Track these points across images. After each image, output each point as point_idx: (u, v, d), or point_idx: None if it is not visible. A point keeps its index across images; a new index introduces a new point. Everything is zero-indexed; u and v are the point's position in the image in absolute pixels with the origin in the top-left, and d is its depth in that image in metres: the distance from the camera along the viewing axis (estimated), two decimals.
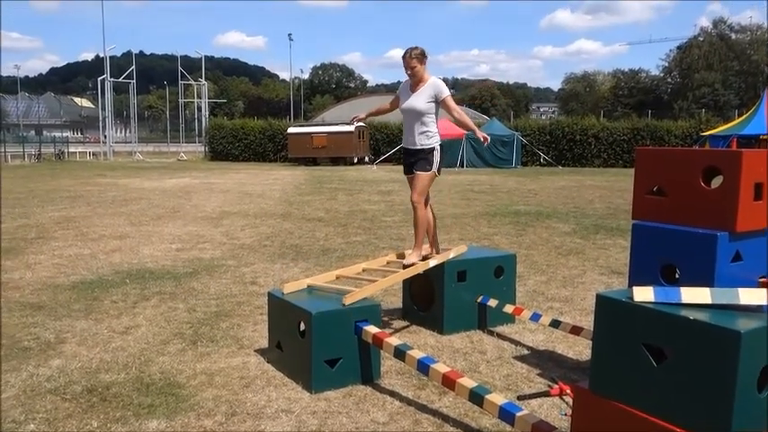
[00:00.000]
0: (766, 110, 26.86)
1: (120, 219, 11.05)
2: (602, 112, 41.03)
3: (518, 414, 2.97)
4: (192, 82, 45.93)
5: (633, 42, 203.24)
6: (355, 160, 31.73)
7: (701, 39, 60.54)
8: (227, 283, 6.35)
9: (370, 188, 17.56)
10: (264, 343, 4.41)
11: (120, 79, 42.14)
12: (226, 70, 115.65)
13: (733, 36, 60.18)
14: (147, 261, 7.42)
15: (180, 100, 44.89)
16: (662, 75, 65.10)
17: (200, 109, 44.56)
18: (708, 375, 2.16)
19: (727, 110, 38.49)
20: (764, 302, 2.30)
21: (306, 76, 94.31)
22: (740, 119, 28.59)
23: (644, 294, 2.39)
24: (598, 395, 2.52)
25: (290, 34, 57.76)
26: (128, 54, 52.29)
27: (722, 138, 26.80)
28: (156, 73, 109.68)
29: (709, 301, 2.34)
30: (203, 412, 3.40)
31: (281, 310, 4.06)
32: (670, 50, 64.69)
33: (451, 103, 4.72)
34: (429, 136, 4.70)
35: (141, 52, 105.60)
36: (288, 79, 78.00)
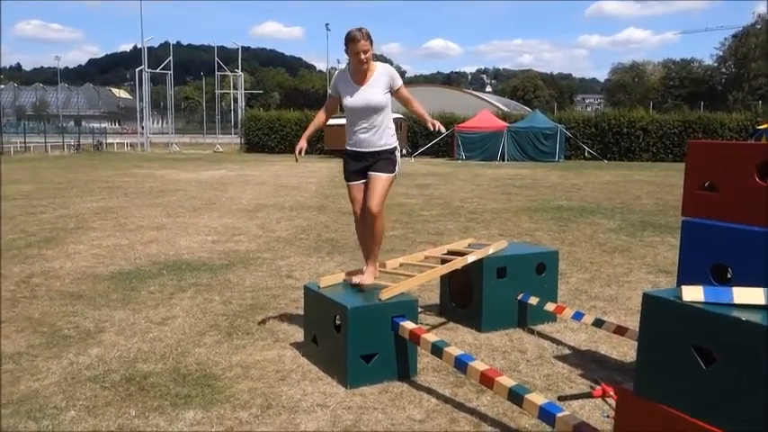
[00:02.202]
0: None
1: (157, 210, 11.20)
2: (652, 103, 40.01)
3: (558, 415, 2.88)
4: (229, 73, 46.43)
5: (687, 31, 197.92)
6: None
7: (759, 27, 58.20)
8: (262, 275, 6.36)
9: (407, 181, 17.47)
10: (300, 336, 4.39)
11: (157, 70, 42.83)
12: (262, 61, 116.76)
13: None
14: (183, 252, 7.49)
15: (216, 91, 45.45)
16: (716, 64, 62.91)
17: (236, 100, 45.02)
18: (758, 379, 2.04)
19: None
20: None
21: (343, 65, 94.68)
22: None
23: (693, 294, 2.28)
24: (643, 397, 2.42)
25: (327, 24, 57.54)
26: (165, 45, 53.16)
27: None
28: (193, 64, 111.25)
29: (763, 302, 2.22)
30: (239, 404, 3.40)
31: (316, 304, 4.03)
32: (725, 39, 62.37)
33: (407, 92, 4.20)
34: (391, 134, 4.17)
35: (178, 43, 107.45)
36: (325, 70, 78.22)
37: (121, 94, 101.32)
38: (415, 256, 4.85)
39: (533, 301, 4.64)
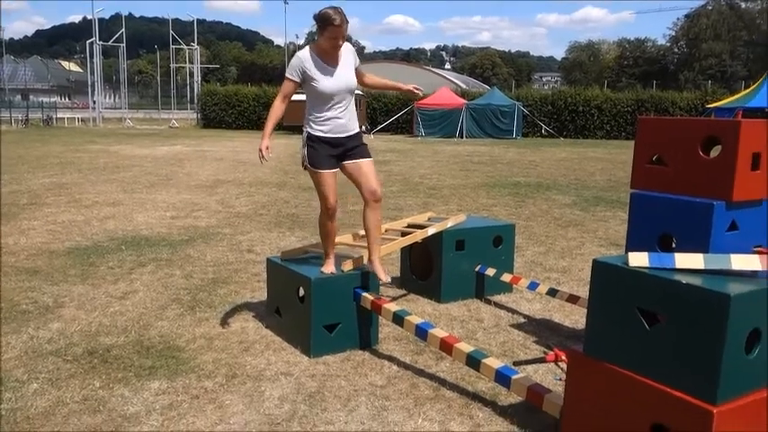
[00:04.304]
0: None
1: (113, 186, 11.00)
2: (606, 82, 40.70)
3: (514, 377, 3.03)
4: (184, 46, 45.25)
5: (641, 11, 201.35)
6: None
7: (710, 8, 59.45)
8: (223, 250, 6.37)
9: None
10: (262, 309, 4.45)
11: (108, 43, 41.47)
12: (218, 35, 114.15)
13: (743, 5, 59.20)
14: (141, 228, 7.42)
15: (171, 65, 44.22)
16: (668, 44, 64.15)
17: (191, 75, 44.03)
18: (698, 337, 2.21)
19: (734, 81, 38.15)
20: (757, 268, 2.34)
21: (301, 41, 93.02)
22: (746, 91, 28.45)
23: (639, 260, 2.44)
24: (592, 358, 2.57)
25: None
26: (116, 17, 51.43)
27: (728, 110, 26.65)
28: (146, 37, 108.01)
29: (702, 266, 2.38)
30: (204, 374, 3.45)
31: (279, 276, 4.09)
32: (678, 19, 63.63)
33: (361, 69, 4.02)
34: (357, 116, 4.08)
35: (130, 15, 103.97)
36: (282, 45, 76.95)
37: (71, 67, 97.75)
38: None
39: (490, 272, 4.79)
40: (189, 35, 45.23)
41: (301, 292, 3.85)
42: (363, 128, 32.18)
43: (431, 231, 4.58)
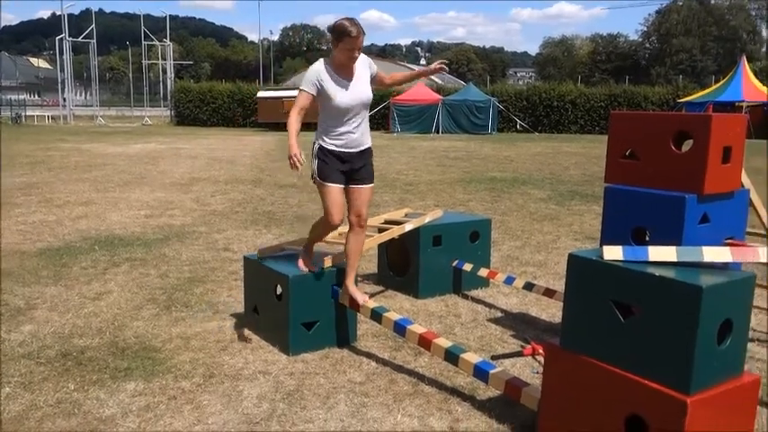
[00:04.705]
0: (743, 77, 27.33)
1: (85, 185, 10.82)
2: (580, 77, 41.09)
3: (492, 372, 3.05)
4: (156, 42, 44.62)
5: (613, 7, 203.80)
6: None
7: (680, 3, 60.35)
8: (199, 249, 6.30)
9: None
10: (240, 308, 4.42)
11: (78, 39, 40.71)
12: (191, 31, 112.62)
13: (712, 1, 60.14)
14: (115, 227, 7.31)
15: (143, 61, 43.58)
16: (640, 40, 65.01)
17: (164, 71, 43.41)
18: (671, 329, 2.25)
19: (705, 76, 38.82)
20: (728, 260, 2.39)
21: (276, 37, 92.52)
22: (716, 85, 28.98)
23: (613, 253, 2.47)
24: (568, 350, 2.60)
25: None
26: (86, 12, 50.52)
27: (698, 104, 27.18)
28: (117, 33, 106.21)
29: (674, 258, 2.42)
30: (181, 374, 3.42)
31: (257, 274, 4.06)
32: (649, 15, 64.58)
33: (381, 71, 3.96)
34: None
35: (101, 10, 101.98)
36: (257, 41, 76.38)
37: (41, 64, 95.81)
38: None
39: (467, 267, 4.81)
40: (161, 31, 44.64)
41: (279, 289, 3.82)
42: None
43: (408, 227, 4.58)
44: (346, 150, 3.71)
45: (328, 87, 3.62)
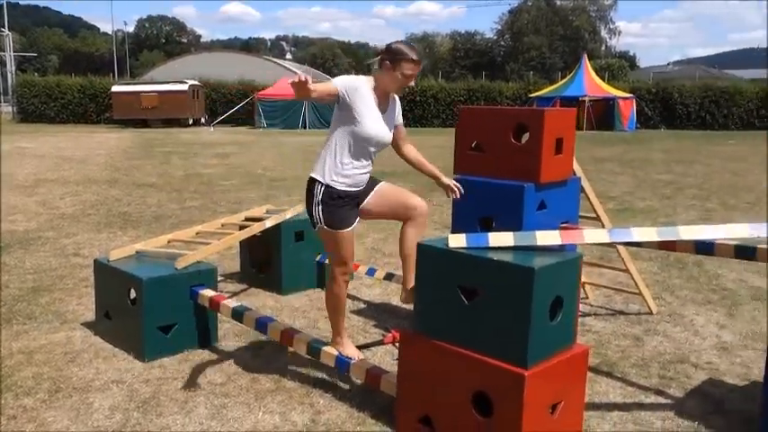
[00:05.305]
0: (585, 73, 29.69)
1: None
2: (440, 73, 42.58)
3: (353, 362, 3.12)
4: None
5: (471, 5, 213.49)
6: (191, 122, 30.22)
7: (530, 3, 64.30)
8: (45, 255, 5.86)
9: (206, 151, 16.88)
10: (91, 316, 4.17)
11: None
12: (35, 20, 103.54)
13: (558, 2, 64.55)
14: None
15: None
16: (495, 37, 68.42)
17: (4, 64, 39.69)
18: (508, 308, 2.42)
19: (553, 72, 41.70)
20: (557, 243, 2.61)
21: (131, 29, 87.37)
22: (562, 82, 31.27)
23: (457, 240, 2.61)
24: (420, 334, 2.72)
25: None
26: None
27: (547, 99, 29.21)
28: None
29: (512, 243, 2.61)
30: (22, 391, 3.17)
31: (108, 279, 3.85)
32: (503, 14, 68.07)
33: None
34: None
35: None
36: (110, 32, 71.73)
37: None
38: (212, 224, 4.80)
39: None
40: None
41: (133, 293, 3.65)
42: (203, 120, 31.10)
43: (268, 224, 4.55)
44: (356, 190, 3.17)
45: (361, 108, 3.05)
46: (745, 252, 2.98)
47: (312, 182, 3.15)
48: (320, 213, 3.12)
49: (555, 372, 2.52)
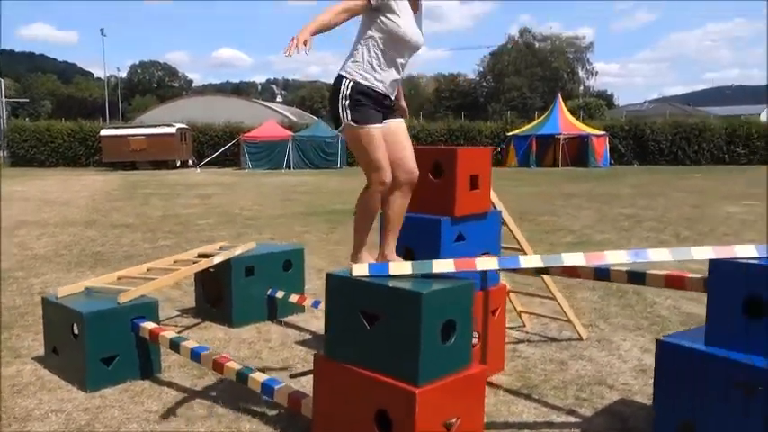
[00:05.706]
0: (559, 112, 30.43)
1: None
2: (422, 113, 43.43)
3: (276, 387, 3.31)
4: None
5: (455, 48, 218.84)
6: (178, 164, 30.60)
7: (510, 46, 66.10)
8: (11, 294, 6.04)
9: (189, 192, 17.17)
10: (43, 351, 4.34)
11: None
12: (29, 67, 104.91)
13: (537, 45, 66.39)
14: None
15: None
16: (477, 78, 70.03)
17: None
18: (403, 331, 2.64)
19: (532, 112, 42.73)
20: (451, 270, 2.84)
21: (123, 74, 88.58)
22: (538, 120, 31.97)
23: (360, 270, 2.84)
24: (330, 359, 2.92)
25: (102, 29, 54.13)
26: None
27: (524, 137, 29.85)
28: None
29: (410, 271, 2.84)
30: None
31: (55, 314, 4.05)
32: (484, 56, 69.78)
33: None
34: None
35: None
36: (103, 77, 72.72)
37: None
38: (165, 260, 5.01)
39: (280, 294, 5.07)
40: None
41: (76, 328, 3.85)
42: (190, 162, 31.48)
43: (217, 259, 4.77)
44: (387, 94, 3.00)
45: (397, 7, 2.89)
46: (635, 277, 3.21)
47: (339, 78, 2.96)
48: (347, 109, 2.92)
49: (449, 390, 2.72)
